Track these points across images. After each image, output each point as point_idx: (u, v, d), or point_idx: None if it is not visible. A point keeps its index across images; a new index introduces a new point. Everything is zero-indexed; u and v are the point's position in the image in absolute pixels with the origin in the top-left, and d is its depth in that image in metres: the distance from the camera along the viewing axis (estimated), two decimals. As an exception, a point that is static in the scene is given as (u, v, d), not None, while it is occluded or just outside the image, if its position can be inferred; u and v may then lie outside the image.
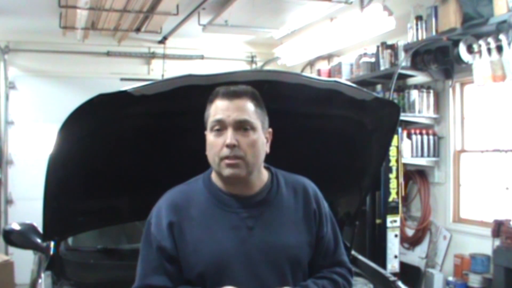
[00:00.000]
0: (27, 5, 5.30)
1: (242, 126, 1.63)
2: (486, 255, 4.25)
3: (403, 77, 4.98)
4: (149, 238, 1.70)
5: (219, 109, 1.65)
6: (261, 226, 1.68)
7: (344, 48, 5.97)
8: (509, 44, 3.90)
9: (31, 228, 2.97)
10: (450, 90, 4.83)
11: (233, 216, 1.68)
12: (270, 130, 1.75)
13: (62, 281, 2.54)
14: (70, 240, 3.13)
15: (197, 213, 1.69)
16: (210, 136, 1.67)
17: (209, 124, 1.67)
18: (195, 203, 1.70)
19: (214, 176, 1.74)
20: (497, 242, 4.05)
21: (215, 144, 1.64)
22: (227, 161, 1.62)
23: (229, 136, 1.62)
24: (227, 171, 1.63)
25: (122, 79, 6.52)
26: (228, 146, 1.61)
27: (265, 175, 1.76)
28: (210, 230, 1.66)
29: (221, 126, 1.64)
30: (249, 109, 1.65)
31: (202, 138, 1.75)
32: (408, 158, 4.82)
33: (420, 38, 4.60)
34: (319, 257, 1.78)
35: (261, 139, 1.68)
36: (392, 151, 4.50)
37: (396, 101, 4.79)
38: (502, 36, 3.92)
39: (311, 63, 6.90)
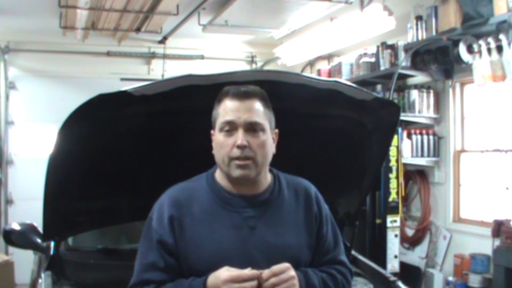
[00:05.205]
0: (27, 5, 5.30)
1: (252, 128, 1.64)
2: (486, 255, 4.25)
3: (403, 77, 4.98)
4: (149, 233, 1.69)
5: (229, 109, 1.64)
6: (263, 226, 1.68)
7: (344, 48, 5.97)
8: (509, 44, 3.90)
9: (31, 228, 2.97)
10: (450, 90, 4.83)
11: (235, 215, 1.68)
12: (277, 131, 1.75)
13: (62, 281, 2.54)
14: (70, 240, 3.12)
15: (198, 210, 1.69)
16: (219, 136, 1.66)
17: (218, 124, 1.66)
18: (197, 201, 1.70)
19: (218, 175, 1.74)
20: (497, 242, 4.05)
21: (225, 145, 1.64)
22: (237, 162, 1.63)
23: (240, 137, 1.62)
24: (237, 172, 1.64)
25: (122, 79, 6.53)
26: (239, 147, 1.62)
27: (268, 176, 1.76)
28: (211, 228, 1.66)
29: (231, 127, 1.64)
30: (259, 110, 1.66)
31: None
32: (408, 158, 4.82)
33: (420, 38, 4.60)
34: (318, 256, 1.78)
35: (269, 139, 1.69)
36: (392, 151, 4.50)
37: (396, 101, 4.79)
38: (502, 36, 3.92)
39: (311, 63, 6.89)
